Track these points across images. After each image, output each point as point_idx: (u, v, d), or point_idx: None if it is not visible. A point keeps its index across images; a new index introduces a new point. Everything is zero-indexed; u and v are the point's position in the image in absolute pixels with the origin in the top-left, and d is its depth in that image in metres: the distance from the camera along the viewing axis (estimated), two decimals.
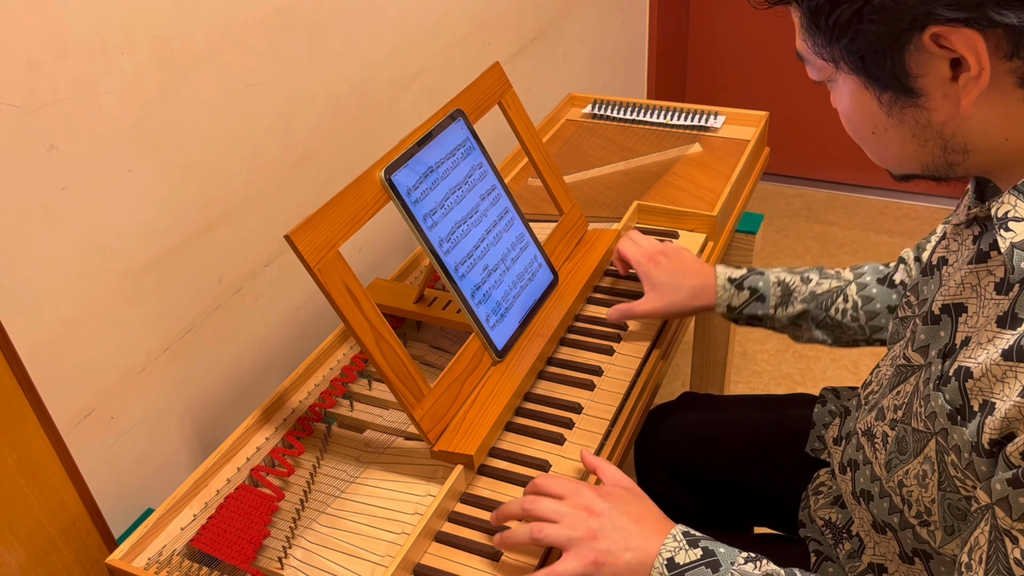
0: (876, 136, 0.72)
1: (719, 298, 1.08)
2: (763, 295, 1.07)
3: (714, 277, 1.09)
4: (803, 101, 2.80)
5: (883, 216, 2.78)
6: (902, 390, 0.82)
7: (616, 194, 1.40)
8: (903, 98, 0.67)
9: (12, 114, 0.81)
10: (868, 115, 0.71)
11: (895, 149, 0.72)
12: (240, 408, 1.19)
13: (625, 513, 0.79)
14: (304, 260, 0.84)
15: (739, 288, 1.08)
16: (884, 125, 0.70)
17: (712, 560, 0.75)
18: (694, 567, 0.74)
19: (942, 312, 0.77)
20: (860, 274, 1.07)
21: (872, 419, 0.86)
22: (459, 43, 1.53)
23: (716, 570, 0.74)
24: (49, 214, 0.87)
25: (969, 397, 0.68)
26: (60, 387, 0.92)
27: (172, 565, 0.85)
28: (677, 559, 0.75)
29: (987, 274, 0.72)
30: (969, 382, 0.68)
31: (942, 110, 0.66)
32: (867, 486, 0.86)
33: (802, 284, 1.07)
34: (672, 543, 0.77)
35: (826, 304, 1.06)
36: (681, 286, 1.07)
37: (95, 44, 0.88)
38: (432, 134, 1.00)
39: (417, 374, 0.91)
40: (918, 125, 0.68)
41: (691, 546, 0.76)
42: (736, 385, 2.16)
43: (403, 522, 0.88)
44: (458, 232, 1.00)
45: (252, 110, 1.10)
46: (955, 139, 0.68)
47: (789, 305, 1.07)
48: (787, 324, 1.09)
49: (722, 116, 1.57)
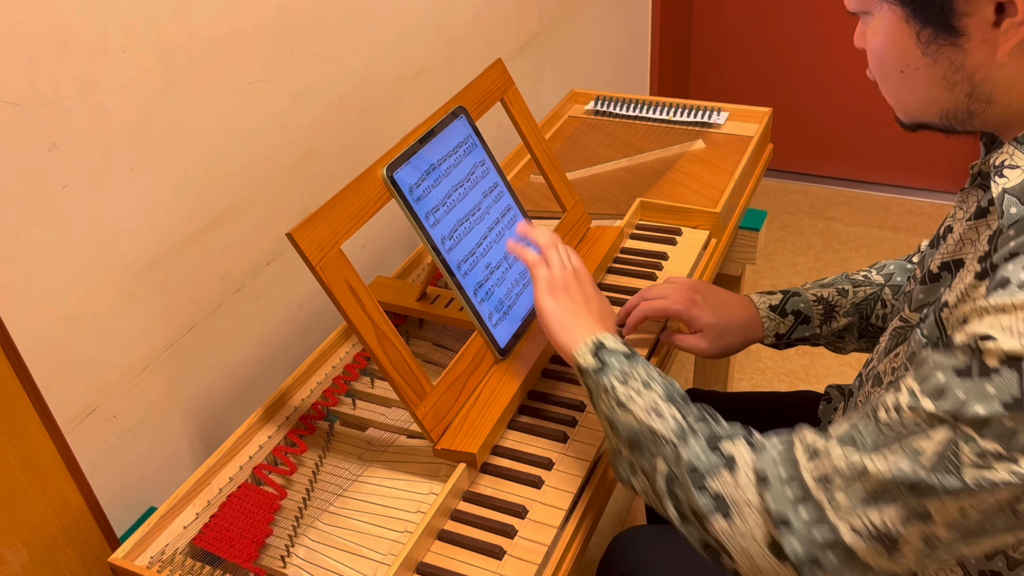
0: (904, 75, 0.72)
1: (766, 329, 1.06)
2: (807, 316, 1.06)
3: (755, 308, 1.06)
4: (806, 97, 2.79)
5: (887, 212, 2.77)
6: (900, 351, 0.83)
7: (619, 191, 1.40)
8: (943, 36, 0.68)
9: (13, 112, 0.81)
10: (901, 51, 0.71)
11: (920, 92, 0.72)
12: (242, 406, 1.19)
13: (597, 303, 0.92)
14: (306, 258, 0.84)
15: (783, 315, 1.06)
16: (916, 64, 0.70)
17: (632, 356, 0.83)
18: (616, 352, 0.83)
19: (941, 269, 0.79)
20: (889, 275, 1.06)
21: (869, 388, 0.88)
22: (461, 40, 1.53)
23: (631, 360, 0.83)
24: (51, 213, 0.87)
25: (945, 327, 0.70)
26: (62, 385, 0.92)
27: (175, 564, 0.85)
28: (607, 343, 0.85)
29: (985, 228, 0.73)
30: (944, 311, 0.70)
31: (978, 54, 0.67)
32: None
33: (840, 297, 1.06)
34: (612, 337, 0.86)
35: (866, 312, 1.05)
36: (730, 326, 1.04)
37: (96, 42, 0.87)
38: (434, 131, 0.99)
39: (420, 372, 0.91)
40: (951, 67, 0.69)
41: (625, 345, 0.85)
42: (739, 382, 2.16)
43: (406, 520, 0.88)
44: (460, 229, 0.99)
45: (254, 108, 1.09)
46: (983, 87, 0.69)
47: (833, 320, 1.06)
48: (831, 339, 1.08)
49: (725, 112, 1.57)
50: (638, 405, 0.78)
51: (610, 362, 0.82)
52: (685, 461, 0.73)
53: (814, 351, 2.24)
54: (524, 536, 0.85)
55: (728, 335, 1.04)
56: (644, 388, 0.79)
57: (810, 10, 2.65)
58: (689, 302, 1.03)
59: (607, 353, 0.83)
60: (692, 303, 1.03)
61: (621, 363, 0.82)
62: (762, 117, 1.54)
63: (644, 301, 1.05)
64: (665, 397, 0.79)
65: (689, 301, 1.03)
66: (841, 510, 0.65)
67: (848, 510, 0.65)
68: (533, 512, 0.87)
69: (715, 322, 1.03)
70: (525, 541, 0.84)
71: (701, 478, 0.72)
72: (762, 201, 2.84)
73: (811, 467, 0.67)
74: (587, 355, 0.84)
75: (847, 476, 0.65)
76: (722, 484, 0.71)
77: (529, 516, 0.87)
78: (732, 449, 0.73)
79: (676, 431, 0.75)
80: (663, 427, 0.76)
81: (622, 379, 0.81)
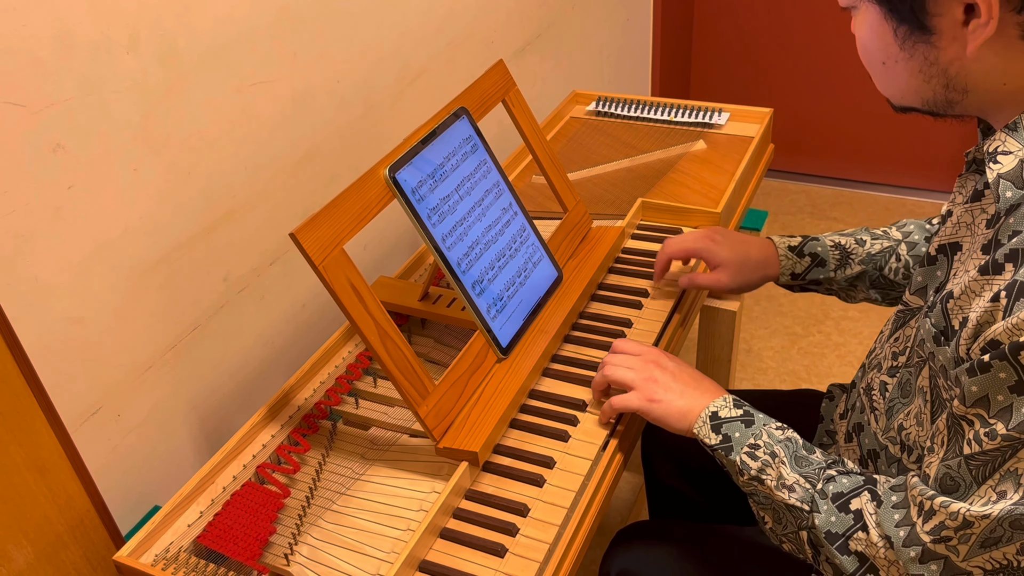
0: (886, 67, 0.77)
1: (783, 267, 1.10)
2: (823, 259, 1.09)
3: (773, 247, 1.10)
4: (807, 97, 2.80)
5: (888, 212, 2.77)
6: (901, 335, 0.87)
7: (620, 191, 1.40)
8: (917, 34, 0.72)
9: (18, 114, 0.82)
10: (882, 45, 0.76)
11: (901, 82, 0.77)
12: (246, 405, 1.19)
13: (687, 373, 0.93)
14: (309, 258, 0.84)
15: (800, 255, 1.10)
16: (895, 57, 0.75)
17: (748, 419, 0.86)
18: (732, 421, 0.86)
19: (938, 252, 0.83)
20: (908, 233, 1.09)
21: (873, 374, 0.91)
22: (462, 41, 1.53)
23: (749, 426, 0.85)
24: (56, 213, 0.87)
25: (950, 317, 0.74)
26: (67, 385, 0.92)
27: (179, 562, 0.85)
28: (720, 413, 0.87)
29: (980, 212, 0.77)
30: (951, 302, 0.74)
31: (950, 50, 0.71)
32: (872, 445, 0.90)
33: (857, 246, 1.09)
34: (720, 402, 0.88)
35: (880, 264, 1.08)
36: (747, 261, 1.09)
37: (100, 43, 0.88)
38: (436, 132, 1.00)
39: (422, 371, 0.91)
40: (926, 61, 0.73)
41: (736, 407, 0.87)
42: (741, 382, 2.16)
43: (408, 519, 0.88)
44: (461, 228, 1.00)
45: (256, 108, 1.10)
46: (957, 79, 0.73)
47: (847, 267, 1.09)
48: (844, 285, 1.11)
49: (726, 113, 1.57)
50: (770, 479, 0.82)
51: (733, 435, 0.85)
52: (822, 528, 0.78)
53: (815, 351, 2.24)
54: (526, 534, 0.85)
55: (746, 270, 1.09)
56: (771, 459, 0.83)
57: (811, 11, 2.65)
58: (708, 240, 1.10)
59: (726, 425, 0.86)
60: (712, 241, 1.09)
61: (743, 434, 0.85)
62: (763, 117, 1.54)
63: (667, 246, 1.11)
64: (791, 463, 0.82)
65: (708, 239, 1.10)
66: (964, 557, 0.70)
67: (971, 555, 0.69)
68: (535, 510, 0.87)
69: (733, 257, 1.08)
70: (527, 539, 0.85)
71: (841, 540, 0.77)
72: (763, 201, 2.84)
73: (927, 528, 0.71)
74: (709, 433, 0.86)
75: (960, 528, 0.69)
76: (860, 544, 0.76)
77: (531, 514, 0.87)
78: (859, 504, 0.77)
79: (807, 500, 0.80)
80: (795, 500, 0.80)
81: (751, 454, 0.83)
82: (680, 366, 0.93)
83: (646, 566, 1.03)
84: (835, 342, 2.27)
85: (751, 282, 1.10)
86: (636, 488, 1.82)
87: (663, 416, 0.89)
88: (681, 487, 1.22)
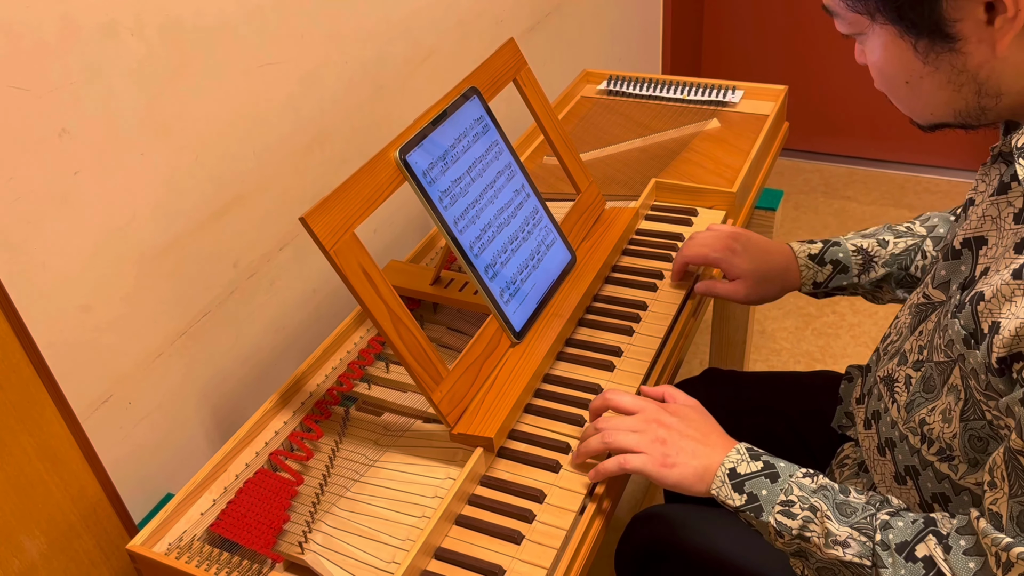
0: (910, 85, 0.73)
1: (804, 277, 1.07)
2: (845, 266, 1.06)
3: (793, 256, 1.07)
4: (818, 74, 2.76)
5: (903, 191, 2.74)
6: (923, 329, 0.84)
7: (633, 171, 1.38)
8: (939, 44, 0.68)
9: (23, 98, 0.80)
10: (903, 65, 0.72)
11: (929, 97, 0.73)
12: (258, 392, 1.19)
13: (693, 427, 0.84)
14: (320, 243, 0.83)
15: (821, 264, 1.06)
16: (919, 73, 0.71)
17: (771, 472, 0.79)
18: (754, 477, 0.79)
19: (963, 246, 0.79)
20: (932, 227, 1.06)
21: (893, 365, 0.88)
22: (472, 20, 1.51)
23: (775, 480, 0.78)
24: (63, 199, 0.86)
25: (980, 320, 0.71)
26: (77, 373, 0.91)
27: (192, 550, 0.85)
28: (739, 469, 0.80)
29: (1007, 205, 0.74)
30: (980, 305, 0.71)
31: (978, 54, 0.68)
32: (889, 434, 0.87)
33: (880, 248, 1.06)
34: (735, 455, 0.81)
35: (905, 263, 1.05)
36: (768, 274, 1.05)
37: (105, 26, 0.86)
38: (446, 113, 0.98)
39: (435, 356, 0.90)
40: (954, 70, 0.70)
41: (753, 459, 0.80)
42: (755, 363, 2.15)
43: (423, 505, 0.87)
44: (473, 211, 0.98)
45: (264, 91, 1.08)
46: (989, 82, 0.70)
47: (871, 271, 1.06)
48: (869, 289, 1.08)
49: (740, 91, 1.54)
50: (816, 535, 0.75)
51: (760, 493, 0.78)
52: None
53: (830, 331, 2.22)
54: (542, 520, 0.84)
55: (766, 282, 1.05)
56: (812, 514, 0.76)
57: None
58: (728, 250, 1.05)
59: (749, 483, 0.79)
60: (731, 251, 1.05)
61: (771, 491, 0.78)
62: (777, 95, 1.52)
63: (686, 249, 1.07)
64: (835, 515, 0.75)
65: (728, 249, 1.05)
66: None
67: None
68: (551, 496, 0.86)
69: (753, 269, 1.04)
70: (543, 525, 0.84)
71: None
72: (776, 180, 2.81)
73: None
74: (732, 494, 0.79)
75: None
76: None
77: (547, 500, 0.86)
78: (927, 550, 0.71)
79: (867, 554, 0.73)
80: (852, 556, 0.74)
81: (786, 512, 0.76)
82: (683, 419, 0.85)
83: (663, 551, 1.02)
84: (849, 323, 2.25)
85: (770, 295, 1.06)
86: None
87: (680, 481, 0.81)
88: None
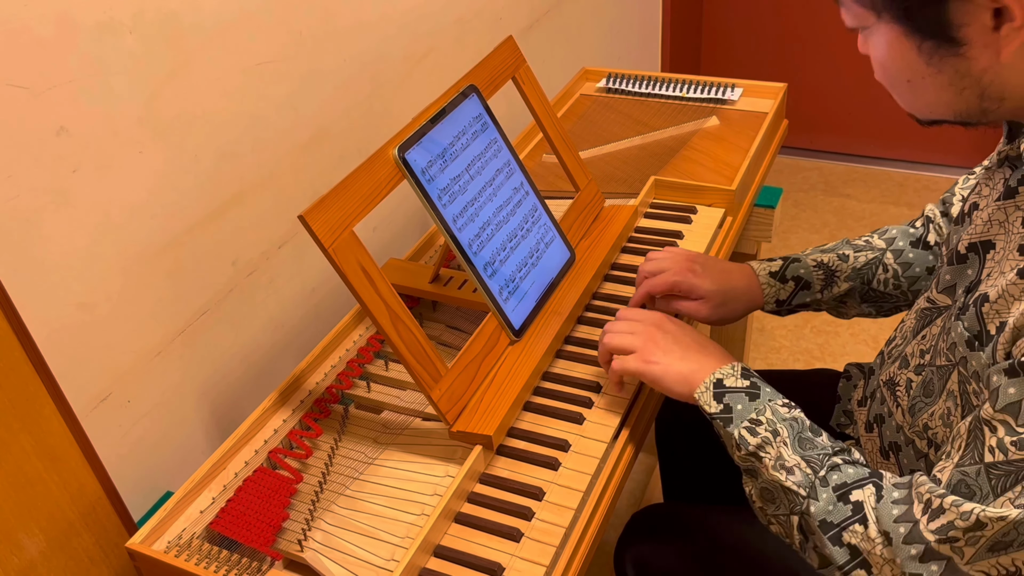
0: (912, 84, 0.73)
1: (766, 295, 1.06)
2: (807, 282, 1.05)
3: (754, 275, 1.06)
4: (817, 72, 2.76)
5: (902, 189, 2.74)
6: (927, 333, 0.84)
7: (632, 169, 1.38)
8: (944, 47, 0.68)
9: (21, 96, 0.80)
10: (906, 64, 0.71)
11: (930, 97, 0.73)
12: (257, 390, 1.19)
13: (691, 337, 0.88)
14: (319, 241, 0.83)
15: (783, 280, 1.06)
16: (922, 74, 0.71)
17: (754, 392, 0.82)
18: (736, 391, 0.82)
19: (968, 251, 0.79)
20: (891, 240, 1.06)
21: (895, 369, 0.88)
22: (471, 18, 1.51)
23: (753, 400, 0.81)
24: (61, 197, 0.86)
25: (986, 321, 0.71)
26: (76, 371, 0.91)
27: (192, 548, 0.85)
28: (726, 381, 0.82)
29: (1015, 210, 0.73)
30: (986, 306, 0.70)
31: (982, 59, 0.67)
32: (893, 438, 0.87)
33: (841, 262, 1.05)
34: (728, 369, 0.84)
35: (867, 277, 1.05)
36: (730, 292, 1.04)
37: (103, 23, 0.86)
38: (445, 111, 0.98)
39: (434, 354, 0.90)
40: (957, 74, 0.69)
41: (743, 377, 0.83)
42: (754, 361, 2.15)
43: (422, 503, 0.87)
44: (472, 209, 0.98)
45: (263, 89, 1.08)
46: (992, 87, 0.69)
47: (833, 286, 1.05)
48: (833, 304, 1.08)
49: (739, 88, 1.54)
50: (768, 457, 0.78)
51: (735, 407, 0.81)
52: (816, 516, 0.74)
53: (829, 329, 2.22)
54: (542, 518, 0.84)
55: (729, 302, 1.04)
56: (772, 437, 0.79)
57: None
58: (689, 272, 1.02)
59: (729, 395, 0.82)
60: (692, 272, 1.02)
61: (745, 407, 0.81)
62: (777, 93, 1.51)
63: (646, 279, 1.04)
64: (792, 444, 0.78)
65: (689, 271, 1.03)
66: (969, 560, 0.67)
67: (976, 559, 0.66)
68: (550, 494, 0.86)
69: (716, 289, 1.02)
70: (543, 523, 0.84)
71: (835, 531, 0.73)
72: (775, 178, 2.81)
73: (932, 527, 0.68)
74: (711, 400, 0.82)
75: (970, 530, 0.66)
76: (855, 537, 0.72)
77: (547, 498, 0.86)
78: (861, 496, 0.73)
79: (806, 485, 0.76)
80: (792, 483, 0.76)
81: (751, 429, 0.80)
82: (683, 329, 0.89)
83: (661, 549, 1.02)
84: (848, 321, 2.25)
85: (734, 314, 1.05)
86: (649, 469, 1.81)
87: (660, 377, 0.86)
88: (696, 469, 1.21)
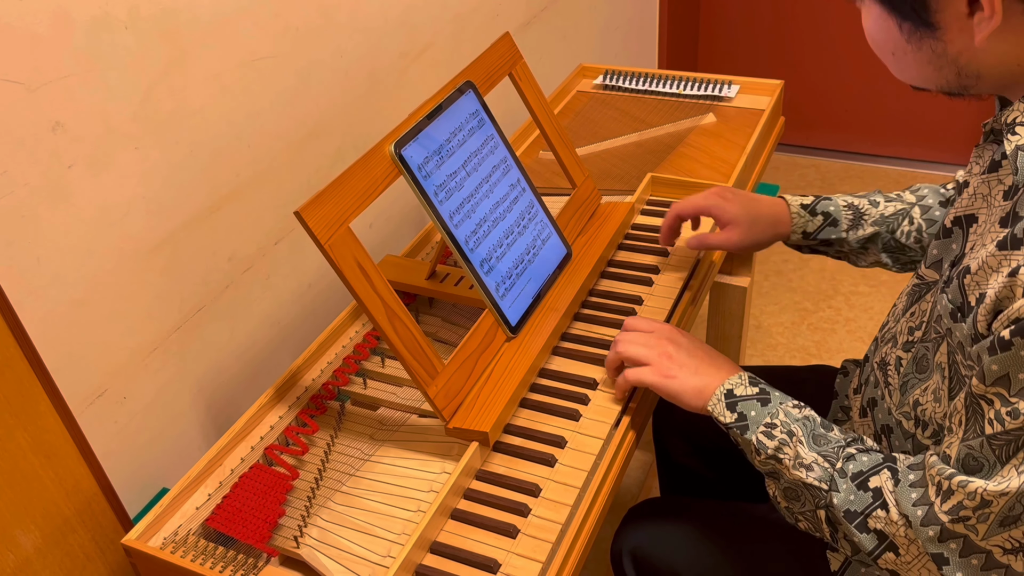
0: (896, 57, 0.77)
1: (794, 225, 1.08)
2: (836, 219, 1.07)
3: (785, 206, 1.08)
4: (815, 69, 2.76)
5: (898, 186, 2.75)
6: (916, 310, 0.87)
7: (629, 166, 1.38)
8: (921, 29, 0.72)
9: (16, 91, 0.80)
10: (889, 37, 0.76)
11: (913, 71, 0.77)
12: (253, 387, 1.19)
13: (701, 350, 0.91)
14: (315, 237, 0.83)
15: (812, 213, 1.07)
16: (903, 49, 0.75)
17: (764, 397, 0.84)
18: (748, 399, 0.84)
19: (954, 224, 0.82)
20: (922, 197, 1.07)
21: (887, 349, 0.90)
22: (468, 14, 1.50)
23: (765, 405, 0.84)
24: (57, 193, 0.86)
25: (967, 293, 0.73)
26: (72, 368, 0.91)
27: (188, 545, 0.85)
28: (736, 391, 0.85)
29: (997, 183, 0.76)
30: (967, 278, 0.73)
31: (957, 42, 0.71)
32: (886, 420, 0.89)
33: (870, 207, 1.07)
34: (736, 379, 0.86)
35: (893, 227, 1.06)
36: (759, 218, 1.06)
37: (99, 18, 0.86)
38: (442, 107, 0.98)
39: (431, 351, 0.90)
40: (934, 54, 0.73)
41: (751, 384, 0.86)
42: (751, 358, 2.15)
43: (419, 500, 0.87)
44: (468, 205, 0.98)
45: (259, 85, 1.08)
46: (969, 67, 0.72)
47: (860, 227, 1.07)
48: (856, 247, 1.09)
49: (736, 85, 1.54)
50: (787, 458, 0.81)
51: (749, 414, 0.84)
52: (840, 507, 0.77)
53: (826, 327, 2.23)
54: (538, 514, 0.84)
55: (757, 228, 1.06)
56: (789, 438, 0.81)
57: None
58: (719, 197, 1.07)
59: (742, 403, 0.84)
60: (722, 198, 1.07)
61: (759, 412, 0.83)
62: (773, 90, 1.52)
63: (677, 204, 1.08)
64: (809, 442, 0.81)
65: (719, 196, 1.07)
66: (983, 536, 0.69)
67: (990, 534, 0.69)
68: (547, 490, 0.86)
69: (744, 214, 1.06)
70: (539, 520, 0.84)
71: (860, 519, 0.76)
72: (772, 175, 2.81)
73: (944, 508, 0.71)
74: (724, 411, 0.85)
75: (979, 508, 0.68)
76: (879, 522, 0.75)
77: (543, 494, 0.86)
78: (879, 482, 0.76)
79: (826, 479, 0.79)
80: (813, 479, 0.79)
81: (768, 433, 0.82)
82: (693, 343, 0.92)
83: (658, 543, 1.02)
84: (845, 317, 2.25)
85: (762, 240, 1.07)
86: (646, 466, 1.81)
87: (678, 392, 0.88)
88: (693, 465, 1.21)
